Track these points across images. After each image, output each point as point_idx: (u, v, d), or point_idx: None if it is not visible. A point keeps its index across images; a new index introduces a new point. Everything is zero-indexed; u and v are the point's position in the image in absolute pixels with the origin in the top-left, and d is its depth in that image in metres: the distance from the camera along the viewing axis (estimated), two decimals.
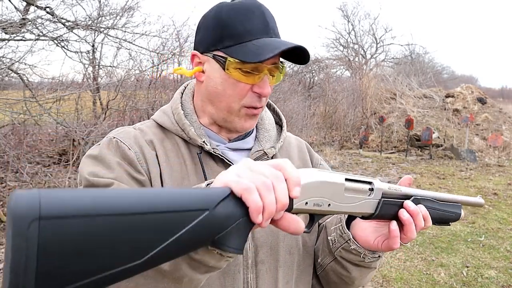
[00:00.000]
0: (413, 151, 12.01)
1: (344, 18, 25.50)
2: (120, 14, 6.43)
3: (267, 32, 0.89)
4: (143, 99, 7.38)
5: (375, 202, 0.77)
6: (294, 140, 1.17)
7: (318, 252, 1.04)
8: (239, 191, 0.56)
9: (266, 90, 0.91)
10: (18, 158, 5.32)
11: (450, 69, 36.61)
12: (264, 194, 0.56)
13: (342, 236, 0.92)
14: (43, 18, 5.57)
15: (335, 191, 0.69)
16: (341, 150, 12.64)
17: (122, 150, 0.90)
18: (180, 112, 0.98)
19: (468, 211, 6.29)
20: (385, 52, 22.96)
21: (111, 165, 0.87)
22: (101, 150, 0.91)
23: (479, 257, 4.59)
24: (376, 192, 0.76)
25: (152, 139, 0.96)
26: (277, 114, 1.15)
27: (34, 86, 5.71)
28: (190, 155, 0.96)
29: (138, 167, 0.89)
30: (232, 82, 0.90)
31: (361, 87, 14.98)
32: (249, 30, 0.88)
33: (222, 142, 1.00)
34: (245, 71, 0.89)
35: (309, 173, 0.66)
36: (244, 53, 0.87)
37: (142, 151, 0.92)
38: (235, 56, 0.87)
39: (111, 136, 0.94)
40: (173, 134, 0.98)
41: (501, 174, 9.39)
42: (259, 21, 0.89)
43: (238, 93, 0.91)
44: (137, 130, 0.98)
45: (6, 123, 5.76)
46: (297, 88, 13.38)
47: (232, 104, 0.93)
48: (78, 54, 6.44)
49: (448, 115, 13.95)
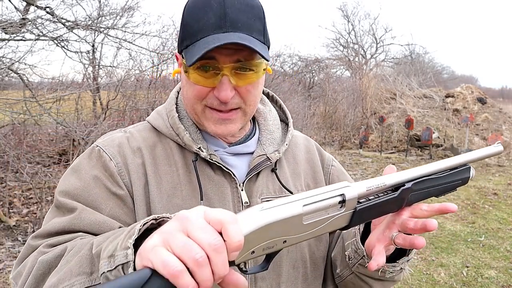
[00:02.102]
0: (413, 151, 12.00)
1: (344, 18, 25.48)
2: (120, 14, 6.42)
3: (221, 26, 0.78)
4: (143, 99, 7.37)
5: (348, 214, 0.66)
6: (302, 140, 1.08)
7: (336, 262, 0.96)
8: (166, 274, 0.47)
9: (223, 94, 0.80)
10: (18, 158, 5.32)
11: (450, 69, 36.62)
12: (197, 272, 0.47)
13: (357, 252, 0.85)
14: (43, 18, 5.57)
15: (290, 225, 0.58)
16: (341, 150, 12.64)
17: (103, 161, 0.86)
18: (175, 116, 0.91)
19: (468, 211, 6.29)
20: (385, 52, 22.96)
21: (83, 178, 0.84)
22: (80, 160, 0.88)
23: (479, 257, 4.59)
24: (349, 203, 0.65)
25: (140, 146, 0.90)
26: (282, 110, 1.07)
27: (34, 86, 5.70)
28: (184, 162, 0.90)
29: (118, 180, 0.85)
30: (192, 84, 0.84)
31: (361, 87, 14.97)
32: (202, 26, 0.79)
33: (222, 147, 0.93)
34: (201, 72, 0.81)
35: (252, 218, 0.55)
36: (191, 54, 0.79)
37: (125, 161, 0.87)
38: (186, 58, 0.81)
39: (95, 144, 0.90)
40: (167, 138, 0.92)
41: (501, 174, 9.39)
42: (215, 14, 0.78)
43: (197, 95, 0.84)
44: (127, 134, 0.93)
45: (6, 123, 5.76)
46: (297, 88, 13.37)
47: (195, 105, 0.86)
48: (78, 54, 6.44)
49: (448, 115, 13.94)
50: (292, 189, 0.96)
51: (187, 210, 0.52)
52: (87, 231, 0.78)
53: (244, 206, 0.90)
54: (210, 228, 0.49)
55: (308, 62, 16.35)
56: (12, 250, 4.30)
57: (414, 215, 0.75)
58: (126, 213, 0.84)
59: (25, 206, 5.47)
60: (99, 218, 0.79)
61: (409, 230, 0.74)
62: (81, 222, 0.78)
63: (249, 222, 0.54)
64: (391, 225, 0.77)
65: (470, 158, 0.80)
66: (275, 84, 10.36)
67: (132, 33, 6.64)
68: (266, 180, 0.94)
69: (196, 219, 0.50)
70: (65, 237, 0.76)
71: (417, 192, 0.74)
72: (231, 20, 0.79)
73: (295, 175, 1.00)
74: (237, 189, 0.90)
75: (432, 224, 0.71)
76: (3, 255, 4.17)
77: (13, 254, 4.22)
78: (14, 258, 4.14)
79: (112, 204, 0.83)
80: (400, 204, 0.74)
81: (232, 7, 0.79)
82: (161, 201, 0.86)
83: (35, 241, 0.78)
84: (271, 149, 0.96)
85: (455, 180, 0.79)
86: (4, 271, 3.85)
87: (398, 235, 0.75)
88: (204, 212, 0.51)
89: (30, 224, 4.90)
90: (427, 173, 0.75)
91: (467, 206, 6.55)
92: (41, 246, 0.75)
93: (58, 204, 0.82)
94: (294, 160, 1.02)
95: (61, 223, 0.78)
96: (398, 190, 0.72)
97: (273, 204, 0.57)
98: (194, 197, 0.87)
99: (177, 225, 0.50)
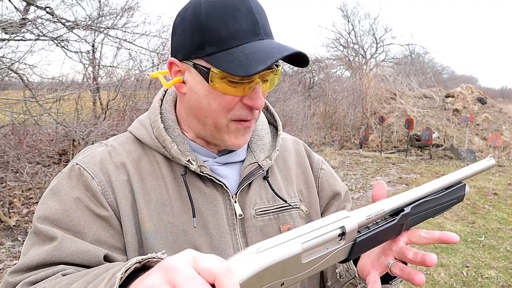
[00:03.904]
0: (413, 151, 12.01)
1: (344, 18, 25.52)
2: (120, 14, 6.43)
3: (257, 34, 0.75)
4: (143, 99, 7.37)
5: (348, 247, 0.61)
6: (291, 143, 1.04)
7: (326, 275, 0.94)
8: None
9: (259, 102, 0.77)
10: (18, 158, 5.32)
11: (450, 69, 36.66)
12: None
13: (348, 272, 0.82)
14: (43, 18, 5.57)
15: (289, 266, 0.53)
16: (341, 150, 12.64)
17: (84, 180, 0.79)
18: (160, 126, 0.85)
19: (468, 211, 6.30)
20: (385, 52, 22.99)
21: (64, 201, 0.77)
22: (60, 181, 0.81)
23: (479, 257, 4.59)
24: (349, 235, 0.60)
25: (124, 161, 0.83)
26: (271, 114, 1.01)
27: (34, 86, 5.70)
28: (173, 176, 0.84)
29: (101, 200, 0.79)
30: (217, 94, 0.77)
31: (361, 87, 14.97)
32: (235, 33, 0.73)
33: (211, 156, 0.88)
34: (232, 81, 0.75)
35: (247, 263, 0.49)
36: (230, 62, 0.72)
37: (108, 179, 0.80)
38: (219, 66, 0.73)
39: (74, 162, 0.83)
40: (153, 150, 0.86)
41: (501, 174, 9.39)
42: (247, 20, 0.74)
43: (225, 107, 0.78)
44: (108, 148, 0.86)
45: (6, 123, 5.76)
46: (297, 88, 13.38)
47: (219, 119, 0.80)
48: (78, 54, 6.44)
49: (448, 115, 13.95)
50: (285, 196, 0.94)
51: (173, 257, 0.45)
52: (69, 262, 0.73)
53: (238, 219, 0.86)
54: (200, 281, 0.42)
55: None
56: (12, 250, 4.30)
57: (412, 241, 0.71)
58: (112, 235, 0.78)
59: (25, 206, 5.47)
60: (82, 247, 0.73)
61: (407, 260, 0.69)
62: (62, 253, 0.72)
63: (244, 268, 0.49)
64: (387, 251, 0.72)
65: (465, 175, 0.78)
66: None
67: (132, 33, 6.65)
68: (259, 189, 0.91)
69: (184, 269, 0.43)
70: (46, 272, 0.70)
71: (415, 216, 0.71)
72: (263, 26, 0.76)
73: (287, 181, 0.97)
74: (230, 201, 0.87)
75: (431, 260, 0.65)
76: (3, 255, 4.17)
77: (13, 254, 4.23)
78: (14, 258, 4.14)
79: (96, 228, 0.77)
80: (399, 230, 0.71)
81: (258, 13, 0.76)
82: (151, 219, 0.80)
83: (13, 277, 0.72)
84: (262, 156, 0.92)
85: (452, 199, 0.77)
86: (4, 271, 3.85)
87: (395, 263, 0.71)
88: (193, 259, 0.44)
89: (30, 224, 4.91)
90: (425, 194, 0.72)
91: (467, 206, 6.56)
92: (19, 284, 0.70)
93: (37, 231, 0.76)
94: (285, 165, 0.99)
95: (41, 255, 0.72)
96: (398, 215, 0.68)
97: (270, 244, 0.52)
98: (186, 213, 0.83)
99: (162, 277, 0.43)
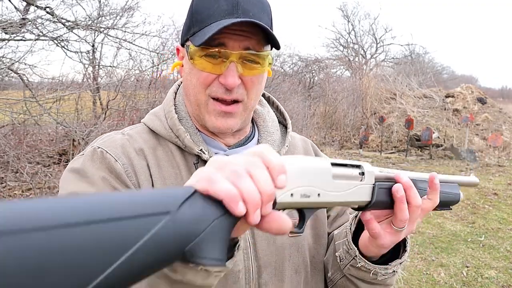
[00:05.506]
0: (413, 151, 12.00)
1: (344, 18, 25.49)
2: (120, 14, 6.42)
3: (233, 13, 0.78)
4: (143, 99, 7.37)
5: (370, 187, 0.67)
6: (300, 141, 1.07)
7: (327, 265, 0.95)
8: (202, 187, 0.45)
9: (230, 79, 0.79)
10: (18, 158, 5.32)
11: (450, 69, 36.62)
12: (236, 181, 0.46)
13: (349, 252, 0.84)
14: (43, 18, 5.56)
15: (323, 177, 0.59)
16: (341, 150, 12.64)
17: (108, 162, 0.81)
18: (174, 117, 0.88)
19: (468, 211, 6.29)
20: (385, 52, 22.99)
21: (95, 182, 0.78)
22: (84, 163, 0.81)
23: (479, 257, 4.59)
24: (368, 176, 0.67)
25: (142, 147, 0.86)
26: (280, 113, 1.05)
27: (34, 86, 5.70)
28: (186, 165, 0.87)
29: (126, 181, 0.80)
30: (197, 71, 0.82)
31: (361, 87, 14.97)
32: (212, 13, 0.79)
33: (222, 149, 0.90)
34: (208, 56, 0.79)
35: (290, 158, 0.57)
36: (200, 36, 0.78)
37: (131, 162, 0.83)
38: (193, 42, 0.80)
39: (95, 145, 0.84)
40: (167, 140, 0.89)
41: (501, 174, 9.39)
42: (227, 1, 0.79)
43: (202, 82, 0.82)
44: (126, 136, 0.88)
45: (6, 123, 5.76)
46: (297, 88, 13.37)
47: (198, 95, 0.84)
48: (78, 54, 6.44)
49: (448, 115, 13.94)
50: None
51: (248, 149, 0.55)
52: None
53: None
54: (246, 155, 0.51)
55: (308, 62, 16.37)
56: None
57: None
58: None
59: None
60: None
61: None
62: None
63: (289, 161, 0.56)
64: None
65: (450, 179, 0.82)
66: (275, 84, 10.36)
67: (132, 33, 6.64)
68: None
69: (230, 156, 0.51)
70: None
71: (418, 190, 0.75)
72: (243, 9, 0.79)
73: None
74: None
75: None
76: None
77: None
78: None
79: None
80: None
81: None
82: None
83: None
84: None
85: (449, 193, 0.81)
86: None
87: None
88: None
89: None
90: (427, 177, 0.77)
91: (467, 206, 6.55)
92: None
93: None
94: None
95: None
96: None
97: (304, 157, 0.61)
98: None
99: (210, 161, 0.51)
